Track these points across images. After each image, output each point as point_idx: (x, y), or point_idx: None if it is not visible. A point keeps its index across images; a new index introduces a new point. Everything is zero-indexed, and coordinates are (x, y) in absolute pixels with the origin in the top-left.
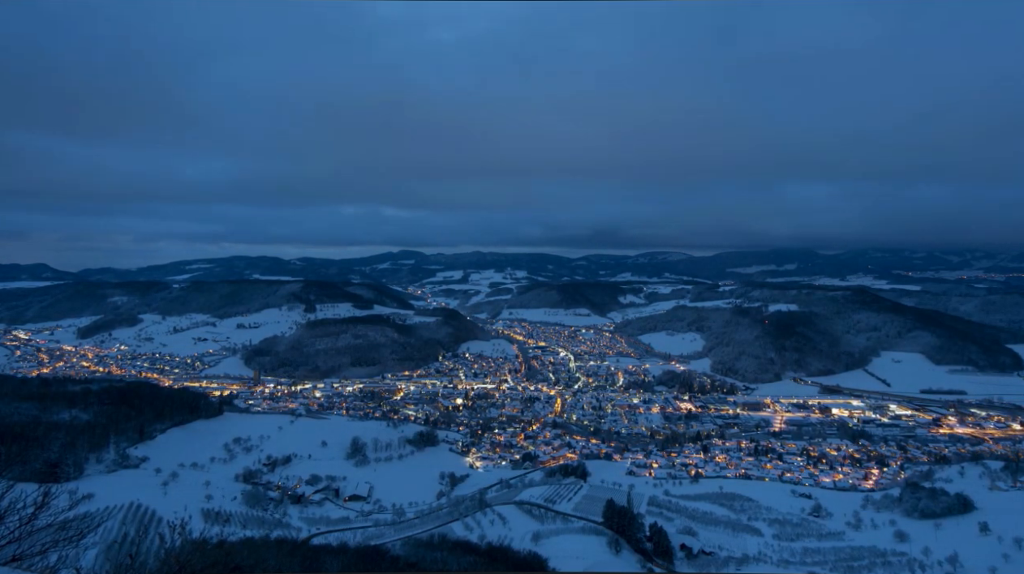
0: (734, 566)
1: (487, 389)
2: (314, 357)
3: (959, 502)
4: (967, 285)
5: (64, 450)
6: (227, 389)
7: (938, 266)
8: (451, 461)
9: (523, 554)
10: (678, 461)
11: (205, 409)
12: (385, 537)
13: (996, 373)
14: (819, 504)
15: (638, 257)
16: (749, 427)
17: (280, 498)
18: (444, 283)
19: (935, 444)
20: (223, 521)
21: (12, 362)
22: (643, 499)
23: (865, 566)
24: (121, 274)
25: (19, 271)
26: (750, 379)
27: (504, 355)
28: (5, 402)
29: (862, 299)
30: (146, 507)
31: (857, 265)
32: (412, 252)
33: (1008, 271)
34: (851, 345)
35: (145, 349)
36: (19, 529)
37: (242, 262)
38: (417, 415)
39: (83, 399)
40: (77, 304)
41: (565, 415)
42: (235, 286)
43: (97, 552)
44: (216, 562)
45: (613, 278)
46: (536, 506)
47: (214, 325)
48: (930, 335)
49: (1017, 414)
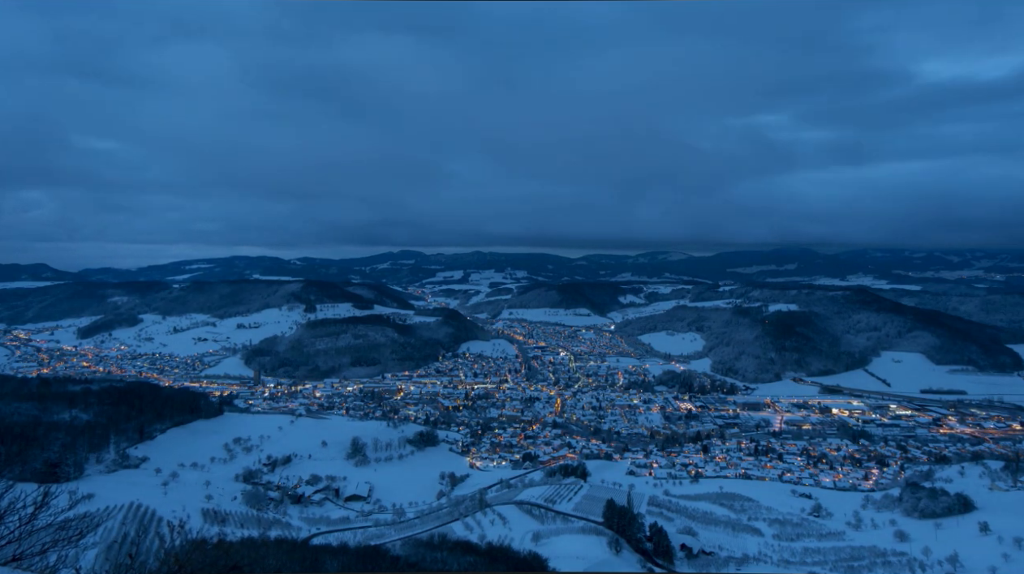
0: (734, 566)
1: (487, 389)
2: (314, 357)
3: (959, 502)
4: (967, 285)
5: (64, 450)
6: (227, 389)
7: (938, 266)
8: (451, 461)
9: (523, 554)
10: (678, 461)
11: (205, 409)
12: (385, 537)
13: (996, 373)
14: (819, 504)
15: (638, 257)
16: (749, 427)
17: (280, 498)
18: (444, 283)
19: (935, 444)
20: (223, 521)
21: (12, 362)
22: (643, 499)
23: (865, 566)
24: (121, 274)
25: (19, 271)
26: (750, 379)
27: (504, 355)
28: (5, 402)
29: (862, 299)
30: (146, 507)
31: (857, 265)
32: (412, 252)
33: (1008, 271)
34: (851, 345)
35: (145, 349)
36: (19, 529)
37: (242, 262)
38: (417, 415)
39: (83, 399)
40: (77, 304)
41: (565, 415)
42: (235, 286)
43: (97, 552)
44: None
45: (613, 278)
46: (536, 506)
47: (214, 325)
48: (930, 335)
49: (1017, 414)
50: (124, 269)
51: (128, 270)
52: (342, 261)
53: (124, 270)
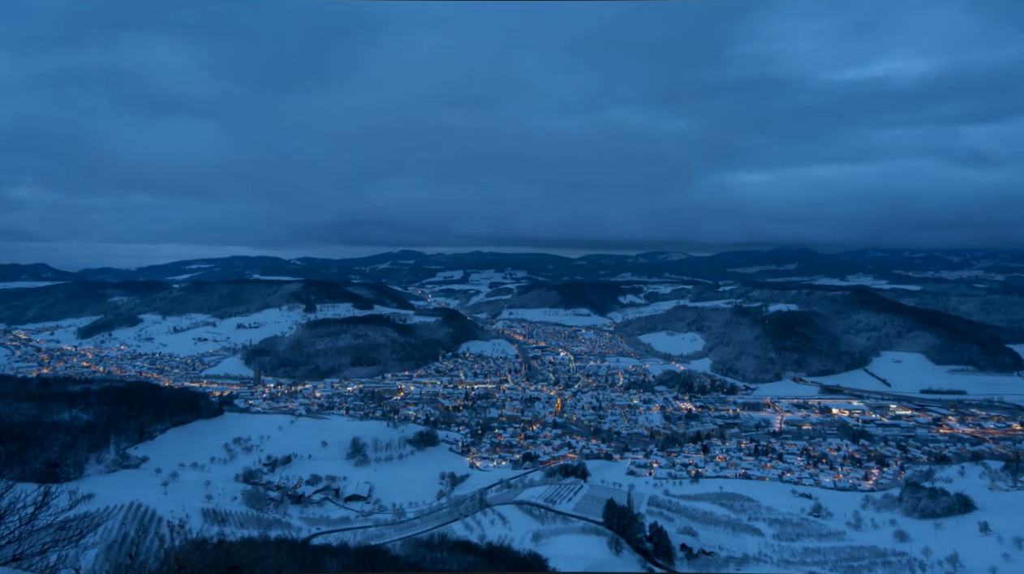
0: (734, 566)
1: (487, 389)
2: (314, 357)
3: (959, 502)
4: (967, 285)
5: (64, 450)
6: (227, 389)
7: (938, 266)
8: (451, 461)
9: (523, 554)
10: (678, 461)
11: (205, 409)
12: (385, 537)
13: (996, 373)
14: (819, 504)
15: (638, 257)
16: (749, 427)
17: (280, 498)
18: (444, 283)
19: (935, 444)
20: (223, 521)
21: (12, 362)
22: (643, 499)
23: (865, 566)
24: (121, 274)
25: (19, 271)
26: (750, 379)
27: (504, 355)
28: (5, 402)
29: (862, 299)
30: (146, 507)
31: (857, 265)
32: (412, 252)
33: (1008, 271)
34: (851, 345)
35: (145, 349)
36: (19, 529)
37: (242, 262)
38: (417, 415)
39: (83, 399)
40: (77, 304)
41: (565, 415)
42: (235, 286)
43: (97, 552)
44: (216, 562)
45: (613, 278)
46: (536, 506)
47: (214, 325)
48: (930, 335)
49: (1017, 414)
50: (124, 269)
51: (128, 270)
52: (342, 261)
53: (124, 270)
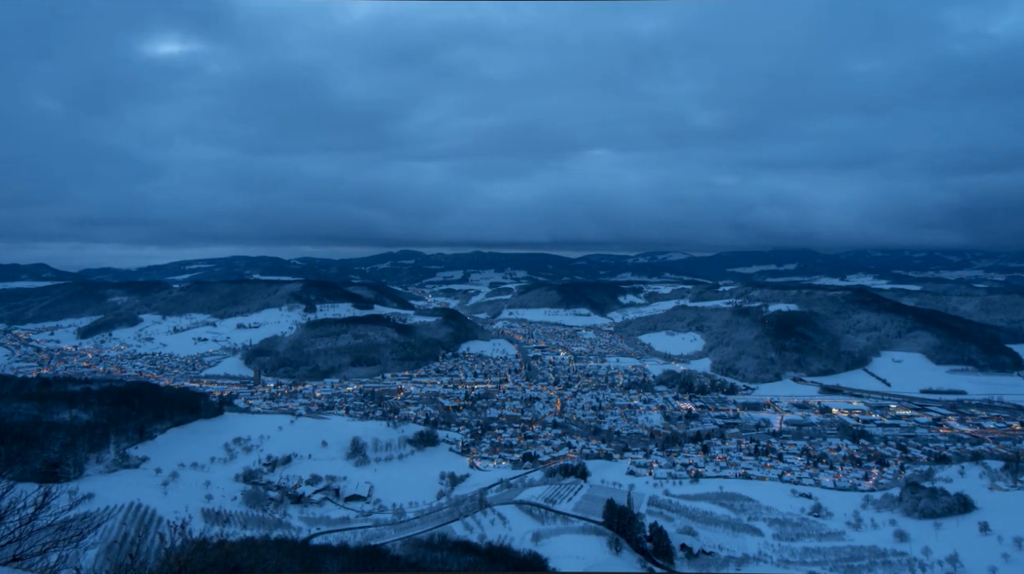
0: (734, 566)
1: (487, 389)
2: (314, 357)
3: (959, 502)
4: (967, 285)
5: (64, 450)
6: (227, 389)
7: (938, 266)
8: (451, 461)
9: (523, 554)
10: (678, 461)
11: (205, 409)
12: (385, 537)
13: (996, 373)
14: (819, 504)
15: (638, 257)
16: (749, 427)
17: (280, 498)
18: (444, 283)
19: (935, 444)
20: (223, 521)
21: (12, 362)
22: (643, 499)
23: (865, 566)
24: (121, 274)
25: (19, 271)
26: (750, 379)
27: (504, 355)
28: (5, 402)
29: (862, 299)
30: (146, 507)
31: (857, 265)
32: (412, 252)
33: (1008, 271)
34: (851, 345)
35: (145, 349)
36: (19, 529)
37: (242, 262)
38: (417, 415)
39: (83, 399)
40: (77, 304)
41: (565, 415)
42: (235, 286)
43: (97, 552)
44: (216, 562)
45: (613, 278)
46: (536, 506)
47: (214, 325)
48: (930, 335)
49: (1017, 414)
50: (124, 269)
51: (128, 270)
52: (342, 261)
53: (124, 270)
